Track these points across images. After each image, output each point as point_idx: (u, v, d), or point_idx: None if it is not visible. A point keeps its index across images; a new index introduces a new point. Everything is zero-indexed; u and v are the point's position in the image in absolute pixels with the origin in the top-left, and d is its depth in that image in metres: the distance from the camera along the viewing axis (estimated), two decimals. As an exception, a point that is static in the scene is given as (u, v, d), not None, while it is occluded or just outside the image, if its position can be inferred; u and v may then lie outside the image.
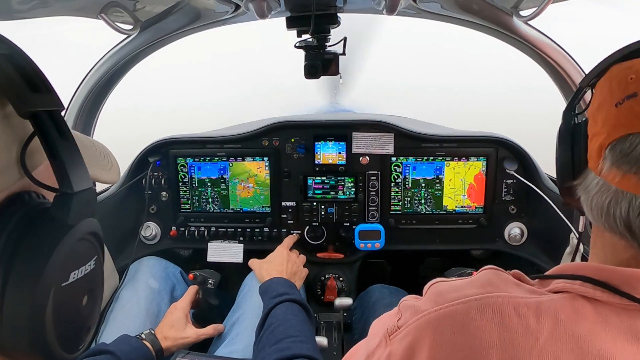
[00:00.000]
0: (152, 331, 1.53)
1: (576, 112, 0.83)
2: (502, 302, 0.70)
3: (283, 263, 1.75)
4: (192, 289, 1.75)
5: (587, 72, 0.83)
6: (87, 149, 0.74)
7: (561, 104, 1.70)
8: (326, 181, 2.09)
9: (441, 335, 0.71)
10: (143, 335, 1.49)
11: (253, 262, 1.82)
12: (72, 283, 0.52)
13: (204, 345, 1.66)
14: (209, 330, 1.63)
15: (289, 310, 1.38)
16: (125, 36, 1.61)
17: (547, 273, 0.79)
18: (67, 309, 0.52)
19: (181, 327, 1.58)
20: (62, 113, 0.57)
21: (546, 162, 1.96)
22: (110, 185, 2.04)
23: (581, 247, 1.60)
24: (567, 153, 0.77)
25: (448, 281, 0.81)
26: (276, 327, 1.30)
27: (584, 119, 0.78)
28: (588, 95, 0.79)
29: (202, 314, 1.70)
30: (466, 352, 0.68)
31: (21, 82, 0.50)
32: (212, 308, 1.76)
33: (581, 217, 1.13)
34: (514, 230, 2.06)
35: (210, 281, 1.76)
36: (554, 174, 1.99)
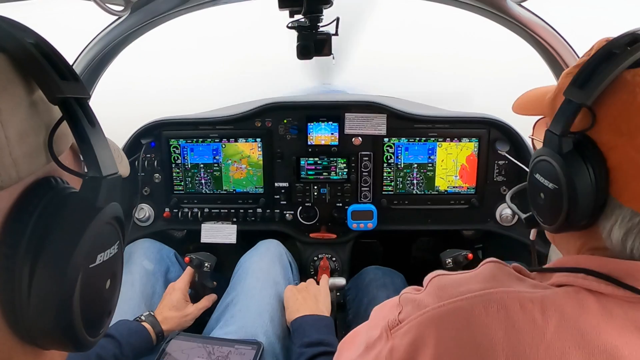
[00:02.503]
0: (152, 313, 1.54)
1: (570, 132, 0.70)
2: (507, 297, 0.69)
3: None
4: (190, 269, 1.77)
5: (575, 63, 0.73)
6: None
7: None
8: (319, 162, 2.10)
9: (446, 332, 0.70)
10: (142, 317, 1.51)
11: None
12: (98, 265, 0.52)
13: (198, 328, 1.68)
14: (204, 302, 1.69)
15: None
16: (116, 17, 1.59)
17: (546, 266, 0.78)
18: (92, 291, 0.52)
19: (182, 307, 1.62)
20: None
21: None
22: None
23: None
24: (587, 187, 0.67)
25: (450, 275, 0.80)
26: None
27: (579, 138, 0.69)
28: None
29: (198, 298, 1.72)
30: (472, 350, 0.67)
31: (51, 69, 0.50)
32: (208, 291, 1.78)
33: (532, 230, 1.08)
34: (506, 211, 2.08)
35: (206, 264, 1.77)
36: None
